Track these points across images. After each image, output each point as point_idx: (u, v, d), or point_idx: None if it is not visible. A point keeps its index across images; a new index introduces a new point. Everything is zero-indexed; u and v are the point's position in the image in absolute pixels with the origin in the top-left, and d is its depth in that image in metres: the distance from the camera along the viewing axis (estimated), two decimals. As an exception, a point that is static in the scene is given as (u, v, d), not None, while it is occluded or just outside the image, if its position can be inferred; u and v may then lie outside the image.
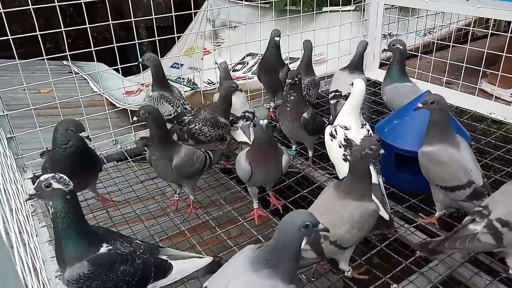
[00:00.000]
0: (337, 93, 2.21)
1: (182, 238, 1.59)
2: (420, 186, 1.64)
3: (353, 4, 3.23)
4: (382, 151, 1.28)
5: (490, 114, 2.20)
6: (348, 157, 1.53)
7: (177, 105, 2.01)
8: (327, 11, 3.57)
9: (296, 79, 1.80)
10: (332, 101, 2.16)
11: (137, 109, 2.04)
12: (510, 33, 2.10)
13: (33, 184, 1.88)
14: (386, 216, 1.44)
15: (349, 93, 2.14)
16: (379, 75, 2.69)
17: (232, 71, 4.21)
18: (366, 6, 2.75)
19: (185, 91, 2.79)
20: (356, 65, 2.23)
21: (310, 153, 1.97)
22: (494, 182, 1.77)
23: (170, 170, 1.59)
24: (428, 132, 1.47)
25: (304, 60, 2.29)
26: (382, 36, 3.01)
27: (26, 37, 1.89)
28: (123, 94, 3.69)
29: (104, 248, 1.12)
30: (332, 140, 1.62)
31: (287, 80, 1.84)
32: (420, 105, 1.48)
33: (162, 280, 1.20)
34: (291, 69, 2.34)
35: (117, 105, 3.13)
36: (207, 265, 1.25)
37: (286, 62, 2.45)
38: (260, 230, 1.62)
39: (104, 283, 1.10)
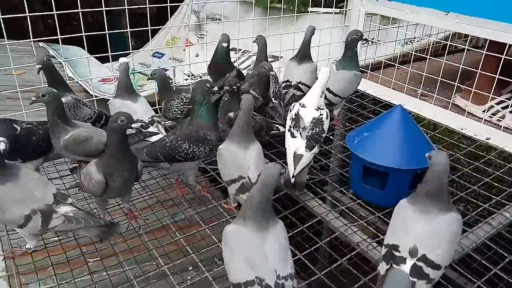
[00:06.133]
0: (287, 83, 2.29)
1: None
2: (387, 200, 1.65)
3: (335, 7, 3.22)
4: None
5: (462, 129, 2.22)
6: (293, 130, 1.70)
7: (90, 106, 1.96)
8: (308, 12, 3.54)
9: (234, 87, 1.87)
10: (283, 91, 2.27)
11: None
12: (486, 51, 2.12)
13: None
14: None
15: (298, 82, 2.25)
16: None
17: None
18: (348, 12, 2.74)
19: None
20: (304, 54, 2.27)
21: None
22: (460, 199, 1.79)
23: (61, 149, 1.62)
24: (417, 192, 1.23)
25: (259, 58, 2.25)
26: (364, 41, 3.01)
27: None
28: (99, 81, 3.59)
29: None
30: (288, 115, 1.79)
31: (225, 86, 1.89)
32: (426, 155, 1.25)
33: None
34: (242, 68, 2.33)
35: (91, 93, 3.03)
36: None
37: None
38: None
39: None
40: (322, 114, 1.73)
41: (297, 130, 1.71)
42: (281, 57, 3.70)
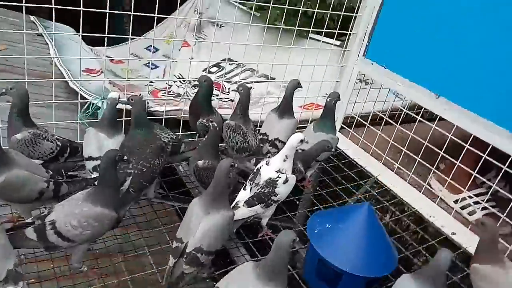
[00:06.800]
0: (264, 137, 2.22)
1: None
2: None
3: (336, 39, 3.11)
4: None
5: (430, 217, 2.16)
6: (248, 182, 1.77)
7: (53, 138, 1.82)
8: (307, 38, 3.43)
9: (209, 124, 1.83)
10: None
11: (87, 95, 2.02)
12: (468, 144, 2.05)
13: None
14: None
15: (275, 138, 2.20)
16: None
17: (207, 72, 4.02)
18: (341, 69, 2.65)
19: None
20: (285, 108, 2.20)
21: None
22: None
23: None
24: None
25: (239, 107, 2.14)
26: (359, 80, 2.93)
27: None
28: (83, 71, 3.38)
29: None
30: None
31: (197, 123, 1.92)
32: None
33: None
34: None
35: (70, 84, 2.84)
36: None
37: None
38: None
39: None
40: (279, 177, 1.73)
41: (249, 184, 1.75)
42: (272, 78, 3.63)
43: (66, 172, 1.92)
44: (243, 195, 1.75)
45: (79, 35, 2.08)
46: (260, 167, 1.77)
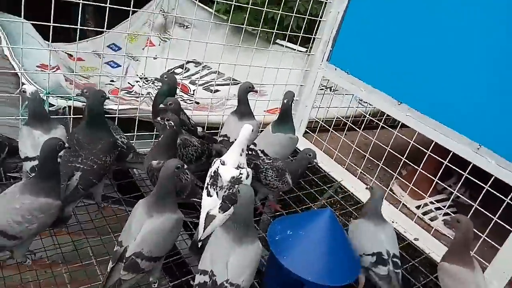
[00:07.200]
0: (225, 138, 2.14)
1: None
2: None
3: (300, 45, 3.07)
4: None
5: (392, 222, 2.15)
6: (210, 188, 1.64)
7: None
8: (271, 43, 3.39)
9: (166, 123, 1.72)
10: (219, 145, 2.14)
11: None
12: (430, 150, 2.06)
13: None
14: None
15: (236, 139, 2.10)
16: (301, 143, 2.57)
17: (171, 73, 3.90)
18: (305, 73, 2.62)
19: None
20: (243, 110, 2.15)
21: None
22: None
23: None
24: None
25: None
26: (324, 87, 2.92)
27: None
28: (37, 66, 3.18)
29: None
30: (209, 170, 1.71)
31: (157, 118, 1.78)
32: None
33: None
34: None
35: (21, 79, 2.65)
36: None
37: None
38: None
39: None
40: (241, 174, 1.64)
41: (214, 189, 1.64)
42: (236, 81, 3.56)
43: (7, 173, 1.76)
44: (210, 202, 1.62)
45: (22, 22, 1.92)
46: (217, 169, 1.66)
